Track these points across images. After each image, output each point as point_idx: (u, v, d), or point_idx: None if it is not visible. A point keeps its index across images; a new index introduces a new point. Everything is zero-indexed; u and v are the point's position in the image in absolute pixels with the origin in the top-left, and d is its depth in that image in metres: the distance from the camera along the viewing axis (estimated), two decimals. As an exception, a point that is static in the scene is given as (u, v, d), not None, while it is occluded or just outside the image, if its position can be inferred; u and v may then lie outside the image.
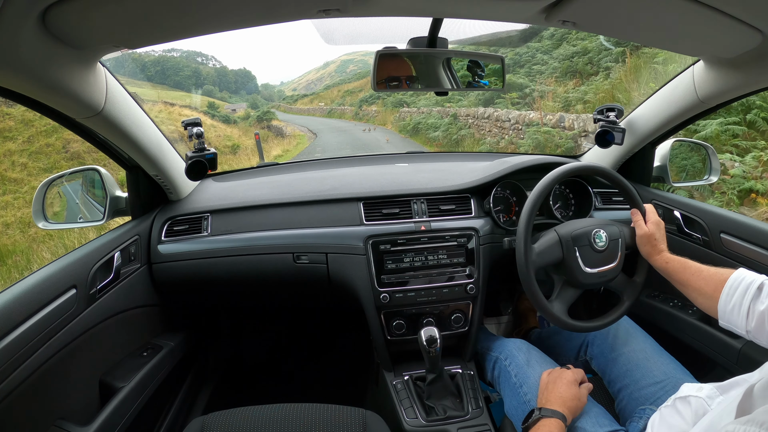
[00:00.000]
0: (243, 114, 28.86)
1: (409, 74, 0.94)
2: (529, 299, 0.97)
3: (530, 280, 0.95)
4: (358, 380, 1.60)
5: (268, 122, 22.16)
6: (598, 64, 8.42)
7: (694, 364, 0.97)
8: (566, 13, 0.67)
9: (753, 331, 0.72)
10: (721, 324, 0.78)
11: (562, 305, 0.99)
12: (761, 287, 0.73)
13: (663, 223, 0.98)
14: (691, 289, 0.85)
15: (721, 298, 0.77)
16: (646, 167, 1.34)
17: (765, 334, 0.71)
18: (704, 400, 0.70)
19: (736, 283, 0.76)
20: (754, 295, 0.73)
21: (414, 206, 1.22)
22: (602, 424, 0.84)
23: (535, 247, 0.98)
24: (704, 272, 0.84)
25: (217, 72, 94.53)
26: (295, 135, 18.42)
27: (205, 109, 28.17)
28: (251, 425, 0.86)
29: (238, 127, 21.00)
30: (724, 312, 0.77)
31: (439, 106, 12.44)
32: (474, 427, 1.03)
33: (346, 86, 44.40)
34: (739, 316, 0.74)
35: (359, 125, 19.16)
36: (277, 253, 1.17)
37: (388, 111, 18.14)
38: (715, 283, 0.80)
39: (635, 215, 1.00)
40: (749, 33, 0.68)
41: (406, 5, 0.69)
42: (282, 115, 31.99)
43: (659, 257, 0.94)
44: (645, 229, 0.97)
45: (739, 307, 0.74)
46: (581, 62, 8.91)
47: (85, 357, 0.94)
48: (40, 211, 1.11)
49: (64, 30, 0.60)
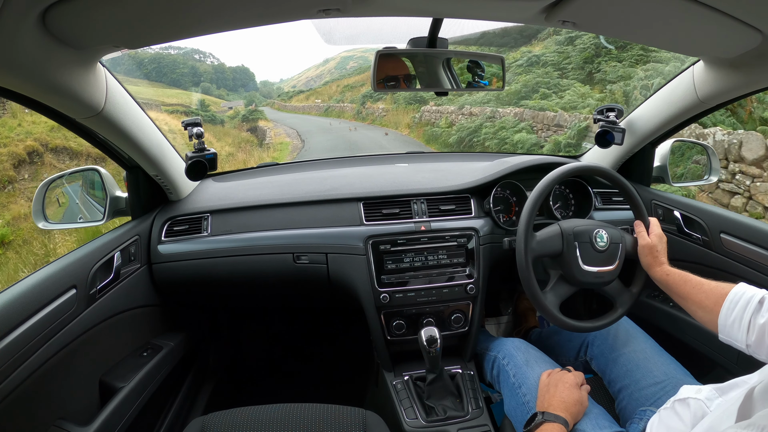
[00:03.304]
0: (232, 113, 24.91)
1: (409, 74, 0.94)
2: (524, 289, 0.97)
3: (527, 267, 0.95)
4: (358, 380, 1.60)
5: (255, 122, 19.75)
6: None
7: (694, 364, 0.97)
8: (566, 13, 0.67)
9: (753, 345, 0.72)
10: (720, 338, 0.78)
11: (555, 298, 0.99)
12: (762, 301, 0.73)
13: (665, 237, 0.98)
14: (691, 302, 0.85)
15: (722, 312, 0.77)
16: (646, 167, 1.34)
17: (765, 348, 0.70)
18: (703, 402, 0.70)
19: (737, 297, 0.76)
20: (755, 309, 0.72)
21: (414, 206, 1.21)
22: (602, 426, 0.84)
23: (537, 236, 0.98)
24: (705, 286, 0.83)
25: (214, 69, 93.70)
26: (277, 143, 14.99)
27: (184, 108, 24.12)
28: (251, 425, 0.86)
29: (224, 128, 18.70)
30: (725, 326, 0.76)
31: (478, 106, 9.93)
32: (474, 427, 1.03)
33: (346, 81, 37.38)
34: (740, 330, 0.73)
35: (359, 126, 16.63)
36: (277, 253, 1.17)
37: (400, 110, 15.03)
38: (716, 297, 0.79)
39: (638, 227, 1.00)
40: (749, 33, 0.68)
41: (406, 5, 0.69)
42: (273, 113, 28.73)
43: (660, 269, 0.93)
44: (647, 240, 0.96)
45: (739, 321, 0.73)
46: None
47: (85, 357, 0.94)
48: (40, 211, 1.11)
49: (64, 30, 0.60)
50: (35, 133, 8.38)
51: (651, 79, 7.39)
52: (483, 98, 10.01)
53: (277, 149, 13.80)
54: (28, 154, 7.96)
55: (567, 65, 9.98)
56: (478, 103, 10.23)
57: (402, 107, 15.05)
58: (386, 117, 16.05)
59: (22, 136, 8.25)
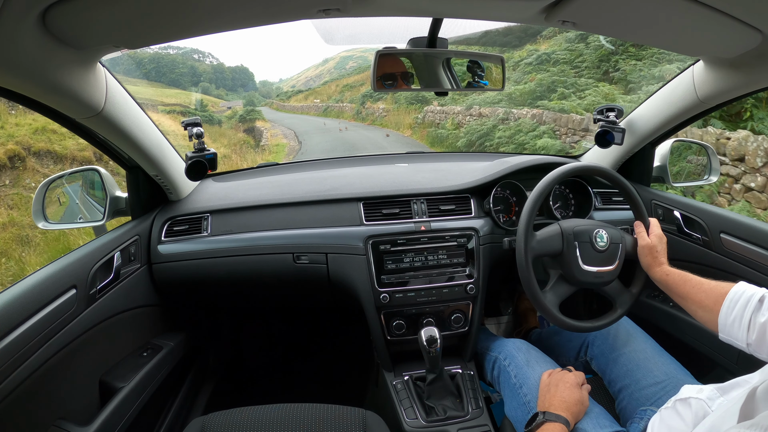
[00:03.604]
0: (230, 113, 24.47)
1: (409, 74, 0.94)
2: (524, 289, 0.97)
3: (527, 267, 0.95)
4: (358, 380, 1.60)
5: (252, 123, 18.90)
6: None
7: (695, 364, 0.97)
8: (566, 13, 0.67)
9: (753, 344, 0.72)
10: (720, 337, 0.78)
11: (554, 298, 0.99)
12: (762, 300, 0.73)
13: (665, 238, 0.98)
14: (690, 302, 0.85)
15: (722, 311, 0.77)
16: (645, 167, 1.34)
17: (765, 346, 0.70)
18: (704, 401, 0.70)
19: (737, 297, 0.76)
20: (755, 307, 0.72)
21: (414, 206, 1.21)
22: (603, 425, 0.84)
23: (537, 235, 0.98)
24: (704, 285, 0.83)
25: (213, 69, 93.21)
26: (273, 145, 14.20)
27: (182, 108, 23.10)
28: (251, 425, 0.86)
29: (220, 129, 18.09)
30: (725, 325, 0.76)
31: (489, 106, 9.17)
32: (474, 427, 1.03)
33: (346, 80, 36.27)
34: (740, 329, 0.73)
35: (359, 127, 15.89)
36: (277, 253, 1.17)
37: (401, 110, 14.26)
38: (716, 297, 0.79)
39: (638, 227, 1.00)
40: (749, 33, 0.68)
41: (406, 5, 0.69)
42: (271, 114, 27.82)
43: (659, 269, 0.93)
44: (647, 240, 0.96)
45: (739, 320, 0.73)
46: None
47: (85, 357, 0.94)
48: (40, 211, 1.11)
49: (64, 30, 0.60)
50: (17, 136, 8.02)
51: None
52: (494, 98, 9.16)
53: (273, 151, 13.17)
54: (9, 158, 7.71)
55: (580, 63, 9.22)
56: (489, 103, 9.38)
57: (403, 107, 14.25)
58: (387, 117, 15.32)
59: (3, 139, 7.87)
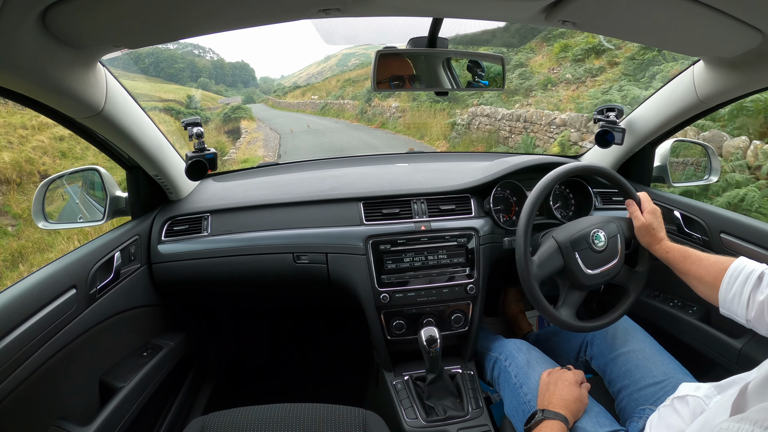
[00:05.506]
0: (219, 111, 21.74)
1: (409, 74, 0.94)
2: (539, 312, 0.97)
3: (536, 293, 0.95)
4: (358, 380, 1.60)
5: (237, 122, 16.34)
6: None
7: (694, 364, 0.97)
8: (566, 13, 0.67)
9: (753, 320, 0.73)
10: (721, 312, 0.79)
11: (569, 310, 0.99)
12: (761, 277, 0.74)
13: (659, 210, 0.98)
14: (692, 277, 0.87)
15: (722, 286, 0.78)
16: (646, 167, 1.34)
17: (765, 323, 0.72)
18: (702, 399, 0.70)
19: (737, 272, 0.77)
20: (755, 284, 0.74)
21: (414, 206, 1.21)
22: (602, 424, 0.84)
23: (535, 260, 0.97)
24: (704, 261, 0.85)
25: (213, 65, 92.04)
26: (241, 161, 11.09)
27: (173, 105, 19.08)
28: (251, 425, 0.86)
29: (206, 127, 15.82)
30: (725, 300, 0.78)
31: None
32: (474, 427, 1.03)
33: (347, 75, 30.71)
34: (740, 306, 0.75)
35: (361, 128, 12.79)
36: (277, 253, 1.17)
37: (423, 109, 10.48)
38: (716, 272, 0.81)
39: (630, 206, 1.01)
40: (749, 33, 0.68)
41: (406, 5, 0.69)
42: (264, 111, 25.20)
43: (659, 247, 0.94)
44: (642, 219, 0.97)
45: (739, 296, 0.75)
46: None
47: (85, 357, 0.94)
48: (40, 211, 1.11)
49: (64, 30, 0.60)
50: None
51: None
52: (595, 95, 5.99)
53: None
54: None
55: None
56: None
57: (426, 106, 10.49)
58: (403, 119, 11.41)
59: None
